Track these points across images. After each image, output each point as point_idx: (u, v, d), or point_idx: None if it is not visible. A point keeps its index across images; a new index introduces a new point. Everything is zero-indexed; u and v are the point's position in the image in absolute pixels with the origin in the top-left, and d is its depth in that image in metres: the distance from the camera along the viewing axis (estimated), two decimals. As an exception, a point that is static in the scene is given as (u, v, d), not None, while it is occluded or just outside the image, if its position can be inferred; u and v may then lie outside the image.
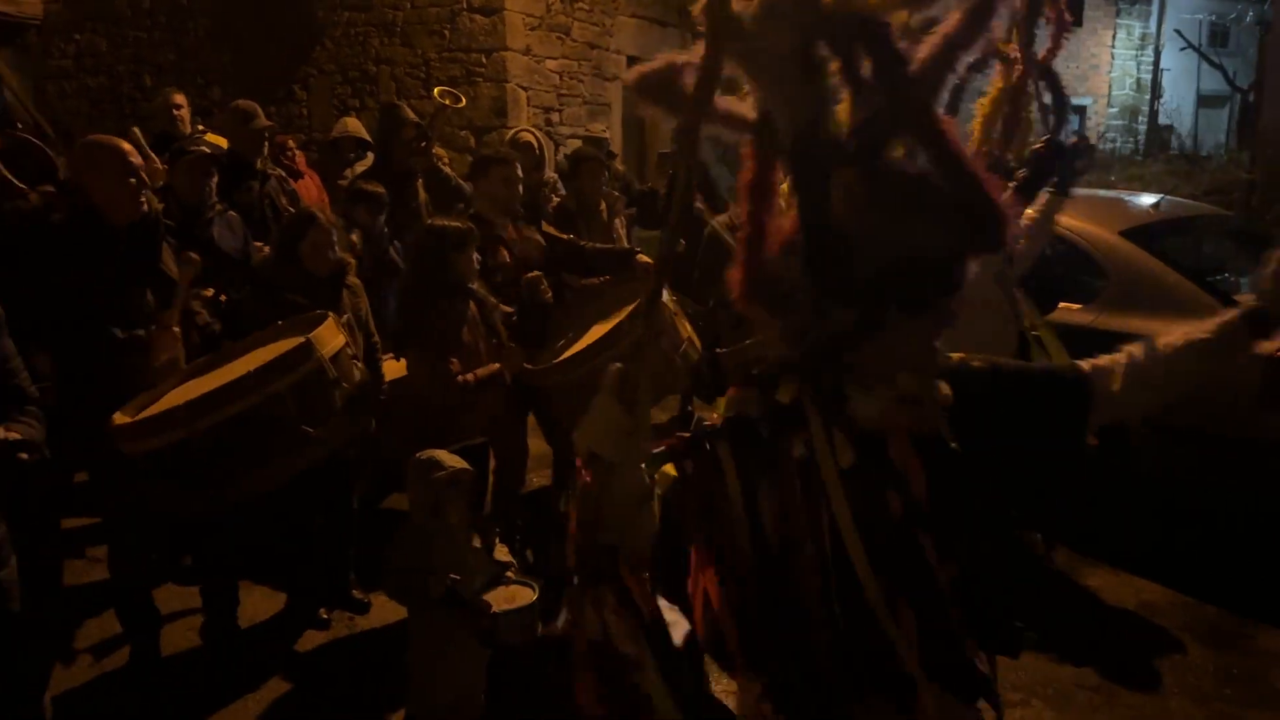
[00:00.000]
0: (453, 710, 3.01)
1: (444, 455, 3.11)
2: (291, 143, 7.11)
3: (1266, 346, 1.48)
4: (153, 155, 4.54)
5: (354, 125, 7.39)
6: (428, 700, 3.05)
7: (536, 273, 4.04)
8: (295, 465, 2.97)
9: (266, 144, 5.42)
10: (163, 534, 3.58)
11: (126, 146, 3.18)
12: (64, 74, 11.15)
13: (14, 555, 2.42)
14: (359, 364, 3.24)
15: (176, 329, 3.32)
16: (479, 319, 3.71)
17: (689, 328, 4.17)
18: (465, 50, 9.04)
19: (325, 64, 9.67)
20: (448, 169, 6.14)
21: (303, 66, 9.73)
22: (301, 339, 3.01)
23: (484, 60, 9.01)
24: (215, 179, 4.21)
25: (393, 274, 4.78)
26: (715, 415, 1.54)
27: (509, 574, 3.12)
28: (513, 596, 3.04)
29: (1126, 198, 6.17)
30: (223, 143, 5.96)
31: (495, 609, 2.97)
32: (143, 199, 3.16)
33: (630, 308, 3.93)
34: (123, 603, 3.50)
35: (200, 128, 6.77)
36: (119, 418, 3.02)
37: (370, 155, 7.31)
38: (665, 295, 4.14)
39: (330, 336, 3.11)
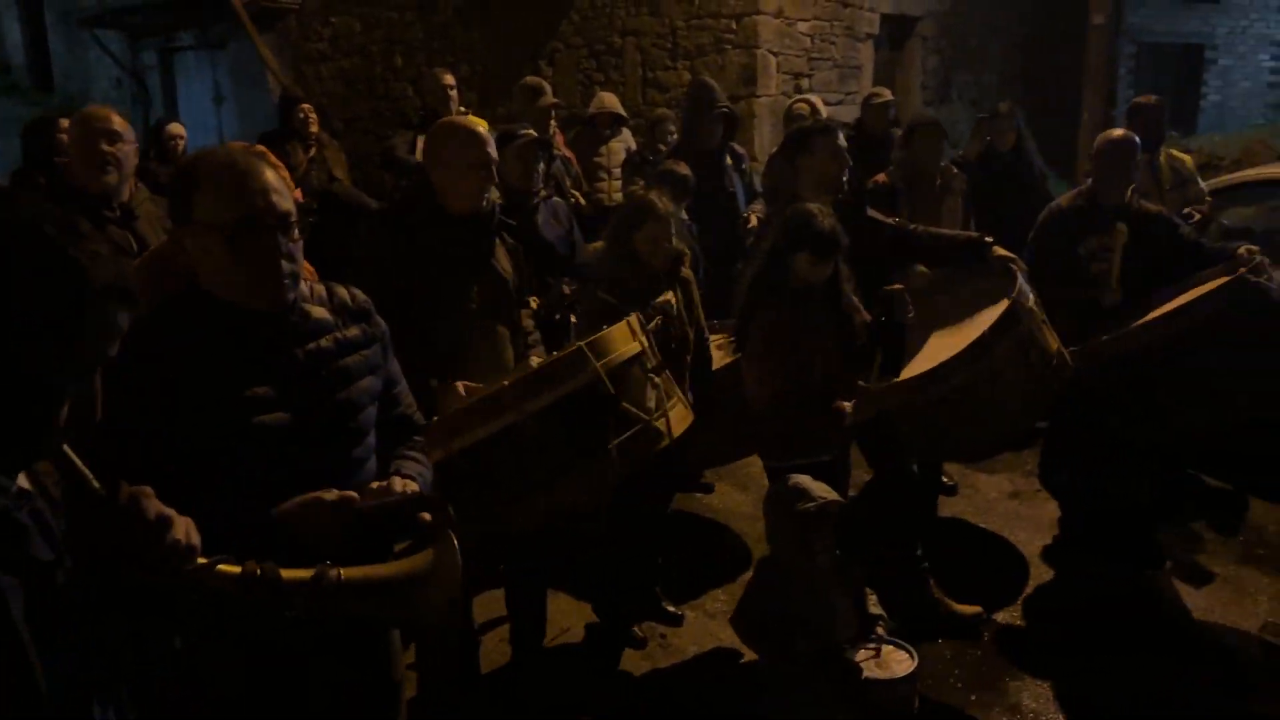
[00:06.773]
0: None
1: (810, 482, 2.75)
2: (553, 121, 6.99)
3: None
4: None
5: (610, 100, 7.17)
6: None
7: (899, 285, 3.35)
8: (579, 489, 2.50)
9: (552, 122, 5.24)
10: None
11: (485, 134, 2.95)
12: (321, 57, 11.61)
13: None
14: (656, 379, 2.63)
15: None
16: (829, 331, 3.22)
17: (1054, 336, 3.47)
18: (714, 16, 8.61)
19: (571, 38, 9.52)
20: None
21: (550, 41, 9.63)
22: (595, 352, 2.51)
23: (734, 26, 8.55)
24: (542, 165, 4.00)
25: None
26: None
27: (879, 629, 2.73)
28: (885, 661, 2.64)
29: None
30: (483, 125, 5.88)
31: (866, 673, 2.59)
32: (486, 193, 2.93)
33: (987, 314, 3.38)
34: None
35: (463, 109, 6.77)
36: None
37: (624, 130, 7.13)
38: (1029, 297, 3.55)
39: (622, 341, 2.60)
